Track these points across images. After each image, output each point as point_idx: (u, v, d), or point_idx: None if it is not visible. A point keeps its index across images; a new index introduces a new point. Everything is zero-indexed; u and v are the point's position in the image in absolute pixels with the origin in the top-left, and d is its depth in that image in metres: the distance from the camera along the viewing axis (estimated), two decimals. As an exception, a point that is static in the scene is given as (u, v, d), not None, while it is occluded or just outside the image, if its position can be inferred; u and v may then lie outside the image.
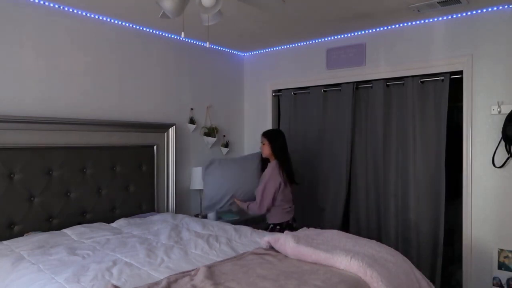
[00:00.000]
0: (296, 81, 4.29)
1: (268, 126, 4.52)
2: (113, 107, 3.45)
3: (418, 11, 3.15)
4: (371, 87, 3.77)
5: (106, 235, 2.73)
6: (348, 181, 3.92)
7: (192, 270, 2.02)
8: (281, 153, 3.33)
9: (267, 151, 3.35)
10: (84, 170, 3.15)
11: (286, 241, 2.29)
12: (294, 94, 4.32)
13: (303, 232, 2.56)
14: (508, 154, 3.01)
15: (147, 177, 3.59)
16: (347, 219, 3.95)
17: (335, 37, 3.97)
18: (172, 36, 3.91)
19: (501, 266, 3.08)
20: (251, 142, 4.68)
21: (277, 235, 2.44)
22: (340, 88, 3.95)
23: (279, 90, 4.47)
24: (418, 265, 2.82)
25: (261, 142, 3.39)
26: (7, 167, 2.73)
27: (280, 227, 3.24)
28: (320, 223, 3.95)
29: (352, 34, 3.87)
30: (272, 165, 3.29)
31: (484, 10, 3.14)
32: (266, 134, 3.41)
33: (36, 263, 2.15)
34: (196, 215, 3.89)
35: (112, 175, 3.31)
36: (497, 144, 3.08)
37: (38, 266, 2.10)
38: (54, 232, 2.79)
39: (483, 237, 3.17)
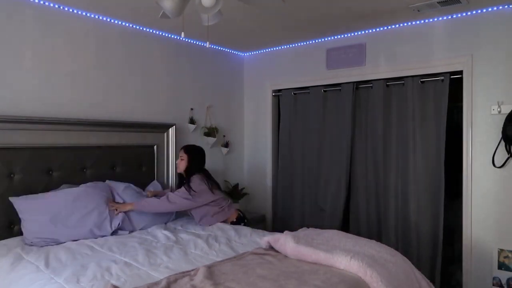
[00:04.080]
0: (296, 81, 4.29)
1: (268, 126, 4.52)
2: (113, 107, 3.45)
3: (418, 11, 3.15)
4: (371, 87, 3.77)
5: (105, 235, 2.73)
6: (348, 181, 3.92)
7: (192, 270, 2.02)
8: (199, 169, 3.21)
9: (183, 166, 3.20)
10: (84, 170, 3.15)
11: (286, 241, 2.29)
12: (294, 94, 4.31)
13: (303, 232, 2.56)
14: (508, 154, 3.01)
15: (147, 177, 3.59)
16: (347, 219, 3.95)
17: (335, 37, 3.97)
18: (172, 36, 3.91)
19: (501, 266, 3.08)
20: (251, 142, 4.68)
21: (277, 235, 2.44)
22: (340, 88, 3.95)
23: (279, 90, 4.47)
24: (418, 265, 2.83)
25: (180, 157, 3.22)
26: (7, 167, 2.73)
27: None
28: (320, 223, 3.95)
29: (352, 34, 3.87)
30: (199, 178, 3.12)
31: (484, 10, 3.14)
32: (188, 150, 3.24)
33: (35, 263, 2.15)
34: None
35: (112, 175, 3.30)
36: (497, 144, 3.07)
37: (38, 266, 2.10)
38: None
39: (483, 237, 3.16)
